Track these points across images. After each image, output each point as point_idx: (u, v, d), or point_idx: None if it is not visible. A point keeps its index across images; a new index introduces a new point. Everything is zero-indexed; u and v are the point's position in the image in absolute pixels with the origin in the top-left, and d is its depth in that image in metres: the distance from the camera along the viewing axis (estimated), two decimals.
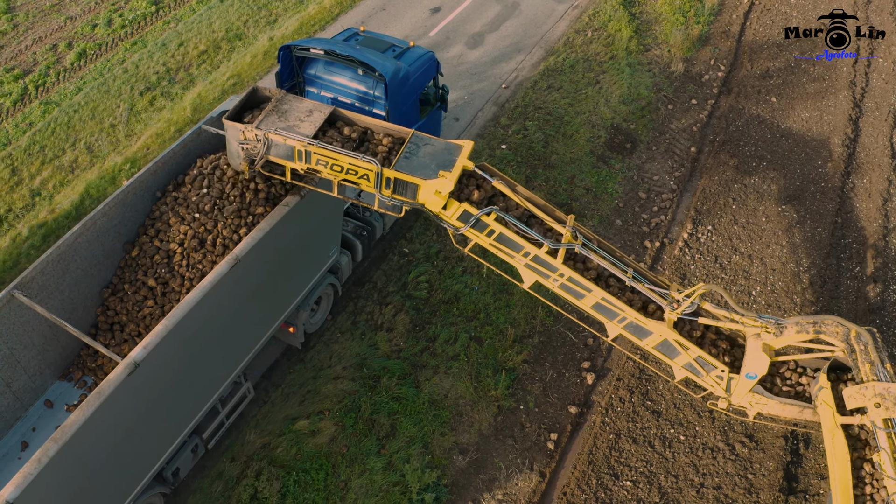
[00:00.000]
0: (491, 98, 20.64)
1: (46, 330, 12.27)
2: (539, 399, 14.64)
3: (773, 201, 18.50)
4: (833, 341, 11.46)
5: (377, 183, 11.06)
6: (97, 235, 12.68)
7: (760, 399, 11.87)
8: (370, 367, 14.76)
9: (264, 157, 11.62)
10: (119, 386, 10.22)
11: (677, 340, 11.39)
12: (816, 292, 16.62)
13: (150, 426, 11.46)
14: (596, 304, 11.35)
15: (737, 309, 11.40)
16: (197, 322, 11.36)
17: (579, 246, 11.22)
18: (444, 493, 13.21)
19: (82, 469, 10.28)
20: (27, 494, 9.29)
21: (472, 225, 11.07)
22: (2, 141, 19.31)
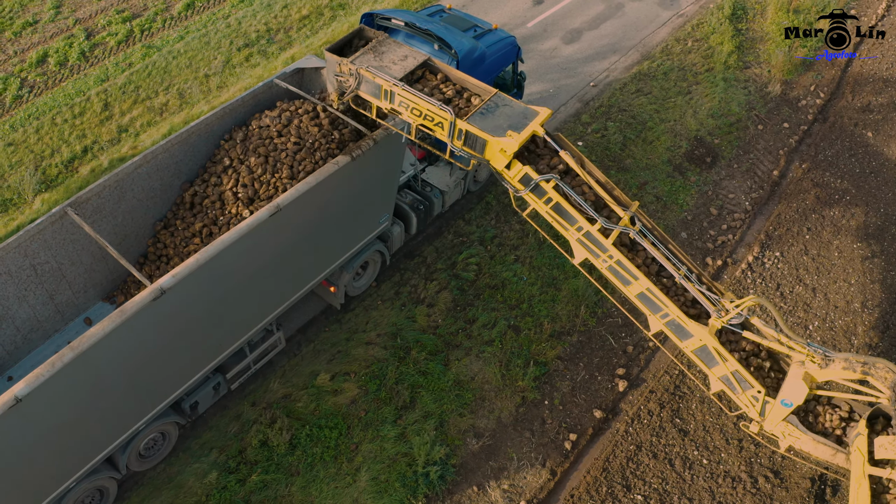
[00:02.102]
0: (577, 94, 20.38)
1: (95, 251, 12.87)
2: (566, 397, 14.42)
3: (849, 237, 17.59)
4: (880, 386, 10.83)
5: (450, 132, 11.27)
6: (156, 169, 13.22)
7: (794, 431, 11.38)
8: (404, 339, 14.87)
9: (354, 91, 12.17)
10: (142, 309, 10.63)
11: (716, 349, 11.06)
12: (878, 336, 15.73)
13: (172, 355, 11.88)
14: (640, 293, 11.17)
15: (785, 330, 10.93)
16: (230, 262, 11.70)
17: (635, 232, 11.05)
18: (451, 472, 13.19)
19: (96, 382, 10.75)
20: (36, 394, 9.80)
21: (531, 189, 11.05)
22: (100, 77, 20.36)
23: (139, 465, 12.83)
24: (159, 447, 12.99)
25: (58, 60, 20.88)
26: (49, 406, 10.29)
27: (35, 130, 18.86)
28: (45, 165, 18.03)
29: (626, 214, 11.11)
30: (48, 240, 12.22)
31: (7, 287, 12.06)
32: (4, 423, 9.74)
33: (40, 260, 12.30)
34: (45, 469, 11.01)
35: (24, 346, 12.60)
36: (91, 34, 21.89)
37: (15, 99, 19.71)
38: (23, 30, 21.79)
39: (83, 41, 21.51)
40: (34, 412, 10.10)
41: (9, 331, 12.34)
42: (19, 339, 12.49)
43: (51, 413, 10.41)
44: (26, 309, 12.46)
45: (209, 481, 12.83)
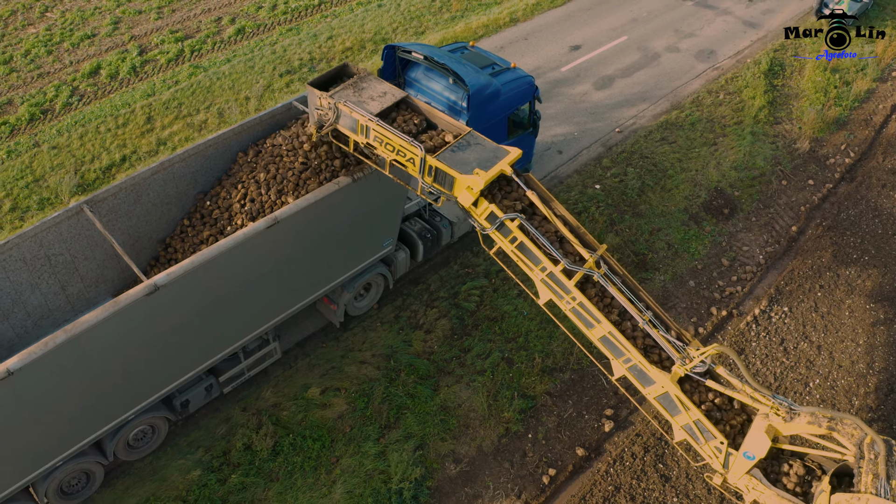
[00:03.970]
0: (601, 139, 20.66)
1: (108, 248, 13.58)
2: (550, 432, 14.50)
3: (863, 297, 17.34)
4: (845, 443, 10.71)
5: (420, 168, 11.57)
6: (172, 177, 13.95)
7: (758, 485, 11.23)
8: (397, 361, 15.20)
9: (333, 125, 12.55)
10: (136, 302, 11.23)
11: (678, 397, 11.03)
12: (880, 399, 15.42)
13: (164, 351, 12.42)
14: (603, 336, 11.22)
15: (750, 381, 10.88)
16: (226, 268, 12.26)
17: (599, 275, 11.13)
18: (425, 494, 13.37)
19: (87, 367, 11.34)
20: (28, 369, 10.43)
21: (496, 227, 11.29)
22: (147, 91, 21.50)
23: (127, 454, 13.36)
24: (148, 440, 13.51)
25: (109, 73, 22.12)
26: (39, 384, 10.90)
27: (79, 136, 19.98)
28: (84, 170, 19.06)
29: (592, 257, 11.22)
30: (63, 233, 12.99)
31: (21, 273, 12.82)
32: None
33: (55, 251, 13.05)
34: (32, 444, 11.60)
35: (34, 332, 13.29)
36: (144, 50, 23.15)
37: (64, 106, 20.94)
38: (81, 41, 23.19)
39: (135, 56, 22.76)
40: (25, 387, 10.72)
41: (20, 315, 13.08)
42: (29, 324, 13.21)
43: (41, 391, 11.01)
44: (38, 297, 13.20)
45: (191, 478, 13.29)
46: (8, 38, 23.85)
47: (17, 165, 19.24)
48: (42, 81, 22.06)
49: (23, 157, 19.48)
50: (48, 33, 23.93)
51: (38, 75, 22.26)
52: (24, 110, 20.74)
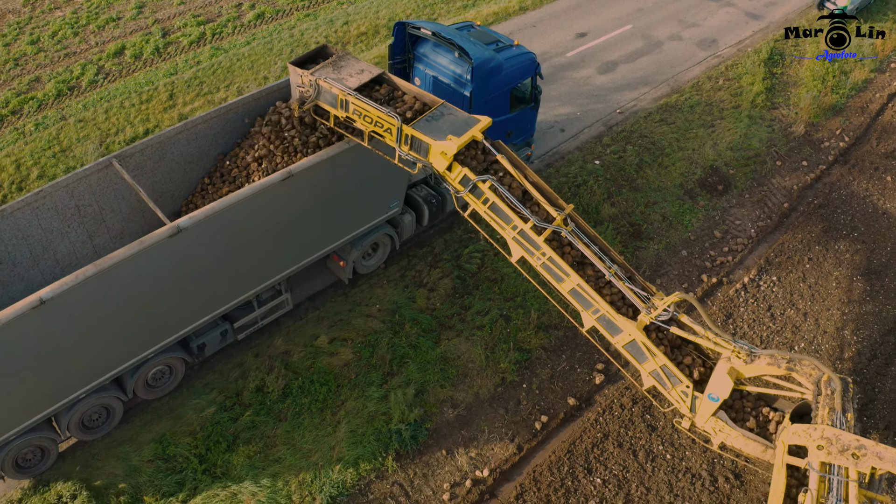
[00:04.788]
0: (602, 119, 21.52)
1: (134, 203, 14.60)
2: (543, 383, 15.34)
3: (850, 270, 18.08)
4: (804, 382, 11.43)
5: (398, 137, 12.48)
6: (195, 137, 14.96)
7: (724, 427, 11.80)
8: (401, 315, 16.10)
9: (314, 101, 13.47)
10: (160, 242, 12.22)
11: (644, 343, 11.72)
12: (861, 364, 16.15)
13: (183, 293, 13.39)
14: (572, 289, 11.96)
15: (712, 327, 11.60)
16: (243, 216, 13.23)
17: (567, 231, 11.94)
18: (423, 434, 14.25)
19: (112, 301, 12.31)
20: (59, 299, 11.41)
21: (469, 189, 12.15)
22: (170, 71, 22.59)
23: (146, 393, 14.32)
24: (166, 380, 14.47)
25: (133, 53, 23.23)
26: (68, 315, 11.87)
27: (104, 111, 21.06)
28: (108, 142, 20.12)
29: (560, 215, 12.02)
30: (93, 185, 14.01)
31: (53, 221, 13.84)
32: (28, 321, 11.35)
33: (84, 202, 14.08)
34: (59, 375, 12.56)
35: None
36: (167, 33, 24.25)
37: (90, 83, 22.06)
38: (106, 24, 24.34)
39: (159, 38, 23.87)
40: (55, 317, 11.70)
41: (49, 262, 14.09)
42: (58, 271, 14.21)
43: (69, 322, 11.99)
44: (67, 245, 14.21)
45: (205, 415, 14.24)
46: (35, 20, 25.01)
47: (45, 137, 20.32)
48: (68, 61, 23.19)
49: (50, 130, 20.56)
50: (74, 16, 25.07)
51: (64, 55, 23.39)
52: (51, 87, 21.86)
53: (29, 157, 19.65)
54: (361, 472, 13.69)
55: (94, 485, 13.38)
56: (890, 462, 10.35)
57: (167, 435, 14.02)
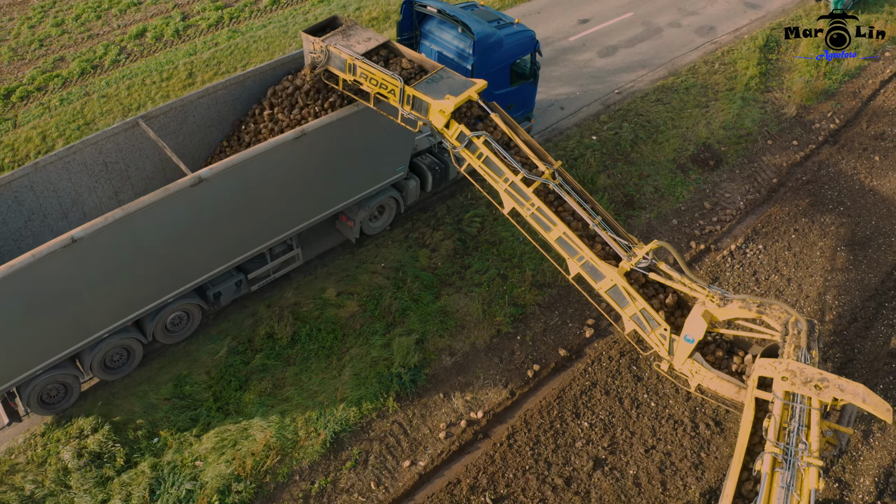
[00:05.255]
0: (600, 98, 22.49)
1: (157, 162, 15.69)
2: (536, 336, 16.30)
3: (835, 241, 18.93)
4: (773, 324, 12.28)
5: (400, 98, 13.52)
6: (215, 102, 16.05)
7: (700, 369, 12.63)
8: (405, 272, 17.12)
9: (324, 66, 14.57)
10: (182, 190, 13.29)
11: (625, 288, 12.66)
12: (841, 326, 16.99)
13: (202, 241, 14.46)
14: (559, 238, 12.93)
15: (688, 273, 12.51)
16: (259, 170, 14.28)
17: (554, 184, 12.92)
18: (423, 378, 15.24)
19: (137, 244, 13.37)
20: (89, 239, 12.49)
21: (465, 145, 13.16)
22: (189, 51, 23.75)
23: (164, 337, 15.37)
24: (184, 325, 15.52)
25: (154, 35, 24.40)
26: (96, 254, 12.94)
27: (126, 88, 22.22)
28: (130, 116, 21.22)
29: (549, 170, 12.99)
30: (120, 143, 15.12)
31: (81, 176, 14.94)
32: (59, 259, 12.42)
33: (111, 159, 15.18)
34: (84, 313, 13.63)
35: None
36: (186, 17, 25.43)
37: (113, 62, 23.24)
38: (128, 8, 25.57)
39: (178, 21, 25.04)
40: (84, 256, 12.77)
41: (78, 214, 15.16)
42: None
43: (97, 261, 13.05)
44: (94, 199, 15.30)
45: (219, 358, 15.29)
46: (59, 4, 26.24)
47: (70, 111, 21.48)
48: (92, 42, 24.38)
49: (74, 105, 21.72)
50: (97, 0, 26.27)
51: (87, 37, 24.59)
52: (75, 66, 23.04)
53: (54, 129, 20.79)
54: (364, 411, 14.68)
55: (113, 420, 14.42)
56: (850, 394, 11.19)
57: (183, 375, 15.08)
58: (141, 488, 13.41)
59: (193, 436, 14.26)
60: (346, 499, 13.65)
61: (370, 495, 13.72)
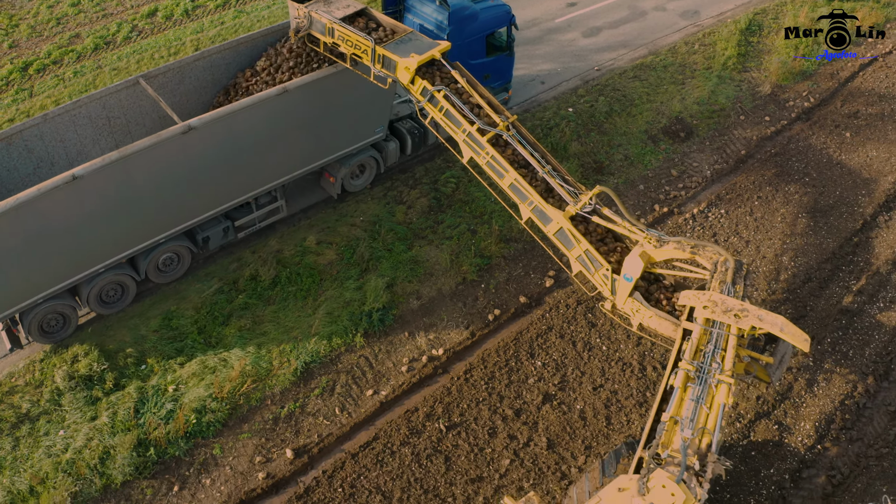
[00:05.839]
0: (580, 75, 23.63)
1: (156, 118, 17.09)
2: (500, 284, 17.49)
3: (797, 208, 19.85)
4: (705, 264, 13.28)
5: (372, 57, 14.81)
6: (210, 66, 17.47)
7: (640, 308, 13.55)
8: (381, 225, 18.42)
9: (307, 30, 15.95)
10: (173, 137, 14.68)
11: (570, 231, 13.73)
12: (795, 285, 17.93)
13: (192, 188, 15.85)
14: (511, 184, 14.07)
15: (627, 216, 13.56)
16: (246, 123, 15.65)
17: (507, 135, 14.09)
18: (390, 318, 16.52)
19: (132, 185, 14.78)
20: (89, 177, 13.92)
21: (428, 99, 14.39)
22: (196, 29, 25.34)
23: (157, 276, 16.78)
24: (174, 266, 16.91)
25: (165, 14, 25.99)
26: (95, 192, 14.35)
27: (136, 62, 23.77)
28: None
29: (504, 122, 14.16)
30: (122, 100, 16.57)
31: (86, 129, 16.41)
32: (61, 194, 13.85)
33: (114, 115, 16.64)
34: (83, 247, 15.04)
35: None
36: None
37: (125, 39, 24.85)
38: None
39: (188, 2, 26.60)
40: (84, 193, 14.18)
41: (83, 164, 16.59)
42: None
43: (95, 199, 14.46)
44: (98, 152, 16.70)
45: (205, 297, 16.68)
46: None
47: (82, 82, 23.06)
48: (106, 20, 26.00)
49: (87, 76, 23.30)
50: None
51: (102, 15, 26.22)
52: (89, 42, 24.65)
53: (67, 98, 22.33)
54: (333, 345, 15.99)
55: (106, 348, 15.85)
56: (769, 323, 12.12)
57: (172, 311, 16.49)
58: (126, 407, 14.81)
59: (177, 364, 15.63)
60: (312, 421, 14.94)
61: (334, 419, 15.00)
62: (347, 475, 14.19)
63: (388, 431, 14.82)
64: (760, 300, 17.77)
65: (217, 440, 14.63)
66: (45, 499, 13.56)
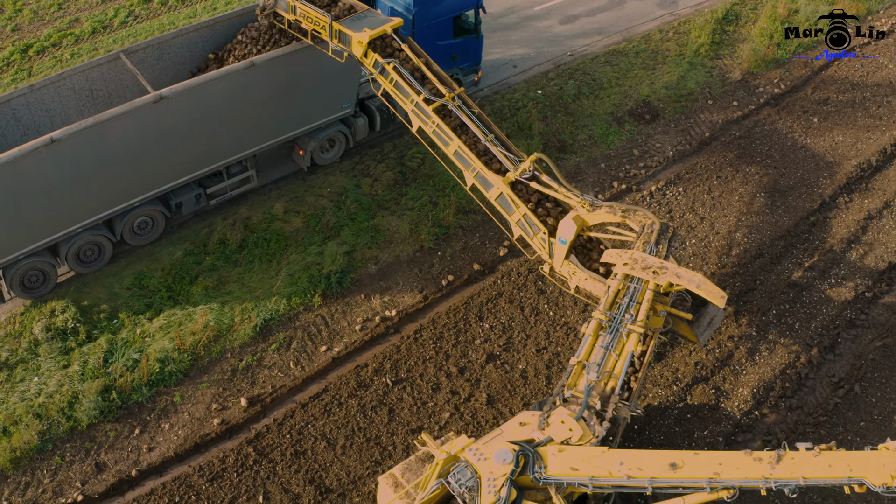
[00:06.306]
0: (553, 59, 24.44)
1: (136, 92, 17.97)
2: (455, 252, 18.38)
3: (756, 188, 20.48)
4: (634, 227, 14.00)
5: (329, 32, 15.76)
6: (188, 43, 18.55)
7: (576, 270, 14.29)
8: (347, 196, 19.37)
9: (273, 7, 16.95)
10: (146, 105, 15.75)
11: (510, 196, 14.54)
12: (746, 260, 18.58)
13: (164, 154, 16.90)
14: (455, 151, 14.94)
15: (563, 182, 14.37)
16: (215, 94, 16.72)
17: (453, 105, 14.95)
18: (348, 281, 17.47)
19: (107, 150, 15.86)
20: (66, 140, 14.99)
21: (379, 72, 15.30)
22: (189, 14, 26.49)
23: (132, 238, 17.85)
24: (149, 230, 17.98)
25: (161, 1, 27.16)
26: (72, 155, 15.41)
27: (130, 44, 24.87)
28: None
29: (450, 93, 14.98)
30: (104, 73, 17.68)
31: (70, 100, 17.53)
32: (41, 156, 14.93)
33: (97, 87, 17.75)
34: (61, 207, 16.12)
35: None
36: None
37: (121, 23, 26.09)
38: None
39: None
40: (61, 156, 15.25)
41: None
42: None
43: (73, 162, 15.52)
44: None
45: (176, 258, 17.75)
46: None
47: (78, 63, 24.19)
48: (104, 6, 27.20)
49: (83, 58, 24.42)
50: None
51: (101, 1, 27.44)
52: (87, 26, 25.85)
53: None
54: (292, 304, 16.97)
55: (82, 304, 16.94)
56: (686, 280, 12.79)
57: (144, 270, 17.57)
58: (96, 357, 15.88)
59: (147, 319, 16.69)
60: (268, 373, 15.93)
61: (288, 372, 15.97)
62: (296, 423, 15.14)
63: (337, 384, 15.75)
64: (710, 273, 18.43)
65: (178, 389, 15.65)
66: (17, 437, 14.63)
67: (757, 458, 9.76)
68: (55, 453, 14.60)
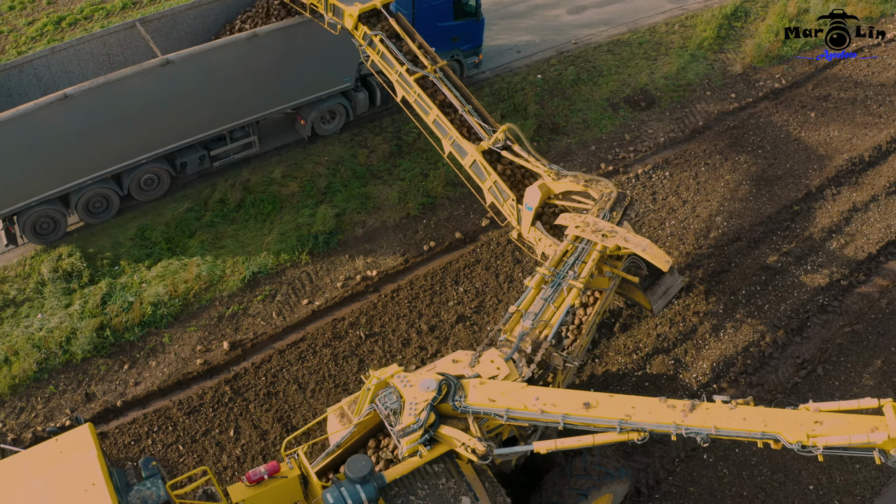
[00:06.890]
0: (557, 47, 25.17)
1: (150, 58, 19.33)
2: (440, 221, 19.30)
3: (743, 176, 20.97)
4: (594, 195, 14.78)
5: (325, 7, 16.82)
6: (201, 14, 19.79)
7: (542, 237, 15.10)
8: (343, 165, 20.41)
9: None
10: (153, 68, 16.99)
11: (482, 163, 15.41)
12: (723, 243, 19.12)
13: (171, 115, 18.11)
14: (434, 120, 15.87)
15: (532, 152, 15.20)
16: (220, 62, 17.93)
17: (434, 77, 15.87)
18: (335, 242, 18.54)
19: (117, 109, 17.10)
20: (78, 97, 16.27)
21: (367, 44, 16.29)
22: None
23: (139, 194, 19.13)
24: (155, 186, 19.24)
25: None
26: (84, 111, 16.70)
27: None
28: None
29: (433, 66, 15.88)
30: (121, 40, 19.01)
31: (88, 64, 18.87)
32: (55, 110, 16.24)
33: (113, 52, 19.08)
34: (73, 159, 17.43)
35: None
36: None
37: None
38: None
39: None
40: (74, 111, 16.54)
41: None
42: None
43: (84, 117, 16.81)
44: None
45: (177, 214, 18.99)
46: None
47: None
48: None
49: None
50: None
51: None
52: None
53: None
54: (280, 260, 18.08)
55: (87, 251, 18.28)
56: (633, 244, 13.54)
57: (147, 224, 18.84)
58: (95, 298, 17.17)
59: (145, 267, 17.95)
60: (251, 321, 17.05)
61: (270, 321, 17.07)
62: (272, 367, 16.23)
63: (314, 335, 16.80)
64: (685, 252, 19.04)
65: (167, 331, 16.86)
66: (17, 366, 15.97)
67: (671, 406, 10.36)
68: (50, 382, 15.91)
